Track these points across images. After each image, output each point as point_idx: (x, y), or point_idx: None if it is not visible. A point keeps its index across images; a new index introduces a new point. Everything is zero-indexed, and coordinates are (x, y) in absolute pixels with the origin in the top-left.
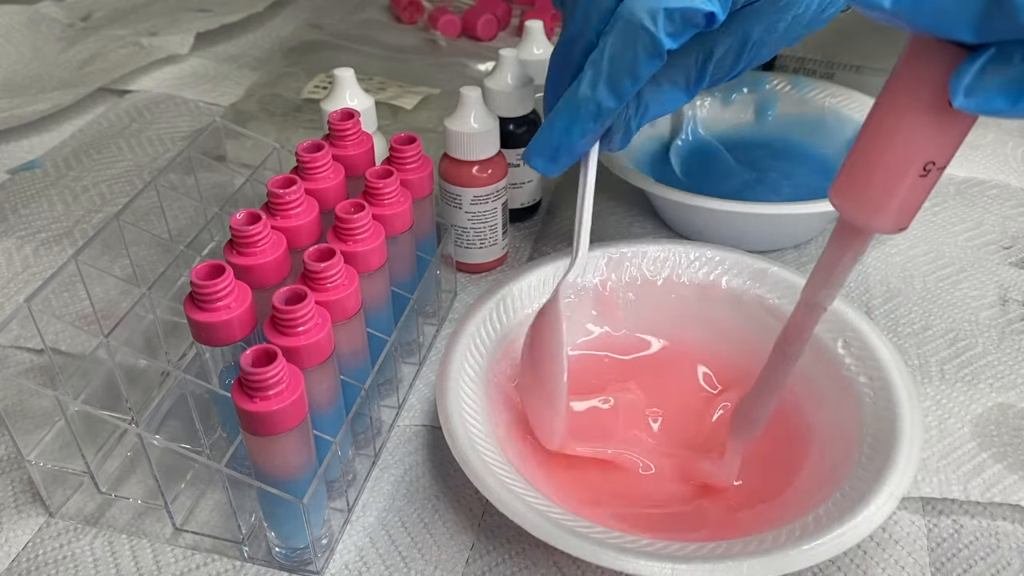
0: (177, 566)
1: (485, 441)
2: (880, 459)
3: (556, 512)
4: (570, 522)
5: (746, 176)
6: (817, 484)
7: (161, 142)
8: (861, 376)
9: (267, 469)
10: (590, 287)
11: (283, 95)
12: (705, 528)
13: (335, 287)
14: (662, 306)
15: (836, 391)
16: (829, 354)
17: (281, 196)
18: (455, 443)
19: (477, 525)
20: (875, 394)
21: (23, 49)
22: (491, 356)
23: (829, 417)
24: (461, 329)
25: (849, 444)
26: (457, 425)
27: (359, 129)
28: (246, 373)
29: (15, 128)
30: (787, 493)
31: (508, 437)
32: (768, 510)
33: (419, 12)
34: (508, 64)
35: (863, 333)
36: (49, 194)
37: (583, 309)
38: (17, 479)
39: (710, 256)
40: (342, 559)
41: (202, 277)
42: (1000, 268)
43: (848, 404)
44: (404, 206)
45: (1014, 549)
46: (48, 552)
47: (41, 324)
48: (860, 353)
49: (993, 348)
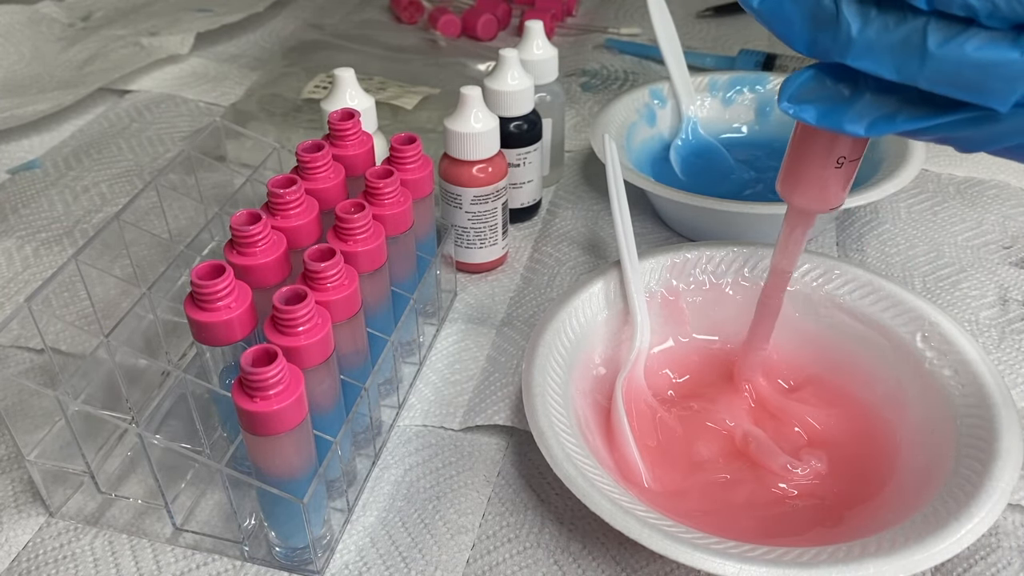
0: (177, 566)
1: (580, 452)
2: (983, 456)
3: (666, 523)
4: (694, 537)
5: (746, 176)
6: (915, 483)
7: (161, 142)
8: (945, 369)
9: (267, 469)
10: (656, 294)
11: (283, 95)
12: (809, 531)
13: (335, 287)
14: (730, 308)
15: (920, 387)
16: (909, 349)
17: (281, 196)
18: (553, 458)
19: (477, 525)
20: (963, 387)
21: (23, 49)
22: (570, 367)
23: (915, 413)
24: (538, 340)
25: (943, 440)
26: (552, 442)
27: (359, 129)
28: (246, 373)
29: (15, 128)
30: (884, 493)
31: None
32: (871, 510)
33: (419, 12)
34: (508, 64)
35: (941, 326)
36: (49, 194)
37: (652, 315)
38: (17, 479)
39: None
40: (342, 559)
41: (202, 277)
42: (1000, 268)
43: (935, 399)
44: (404, 206)
45: (1014, 549)
46: (48, 552)
47: (41, 324)
48: (941, 347)
49: (993, 348)
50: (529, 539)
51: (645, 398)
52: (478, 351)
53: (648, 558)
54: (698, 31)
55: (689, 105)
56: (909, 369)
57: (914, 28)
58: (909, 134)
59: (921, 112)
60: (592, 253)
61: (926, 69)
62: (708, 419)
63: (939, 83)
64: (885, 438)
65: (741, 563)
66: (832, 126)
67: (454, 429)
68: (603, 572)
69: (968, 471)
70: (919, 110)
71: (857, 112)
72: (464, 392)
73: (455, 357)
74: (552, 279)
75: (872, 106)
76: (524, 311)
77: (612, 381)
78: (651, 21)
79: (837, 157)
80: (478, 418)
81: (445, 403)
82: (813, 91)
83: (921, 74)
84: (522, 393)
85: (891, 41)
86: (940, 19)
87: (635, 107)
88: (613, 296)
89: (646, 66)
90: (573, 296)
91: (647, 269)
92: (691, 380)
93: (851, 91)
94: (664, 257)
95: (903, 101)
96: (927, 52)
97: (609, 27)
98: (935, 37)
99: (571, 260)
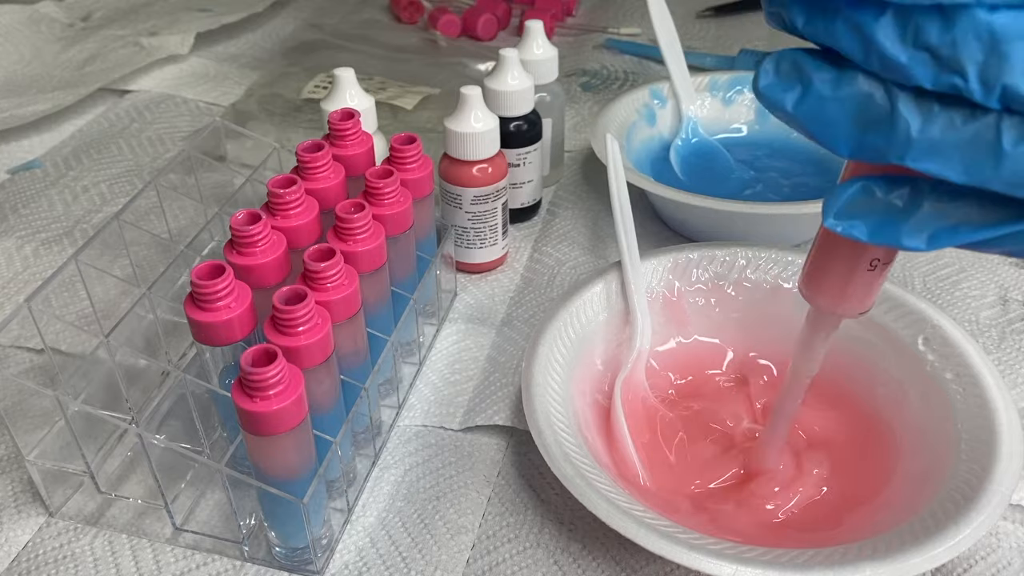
0: (177, 566)
1: (579, 452)
2: (983, 459)
3: (663, 523)
4: (686, 535)
5: (746, 176)
6: (915, 486)
7: (161, 142)
8: (947, 373)
9: (267, 469)
10: (658, 294)
11: (283, 95)
12: (808, 532)
13: (335, 287)
14: (732, 309)
15: (921, 390)
16: (910, 352)
17: (281, 196)
18: (551, 458)
19: (477, 525)
20: (964, 390)
21: (23, 49)
22: (570, 367)
23: (916, 416)
24: (538, 340)
25: (943, 443)
26: (550, 441)
27: (359, 129)
28: (246, 373)
29: (15, 128)
30: (884, 495)
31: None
32: (870, 512)
33: (419, 12)
34: (508, 64)
35: (944, 329)
36: (49, 194)
37: (653, 316)
38: (17, 479)
39: (776, 257)
40: (342, 559)
41: (202, 277)
42: (1000, 268)
43: (936, 402)
44: (404, 206)
45: (1014, 549)
46: (48, 552)
47: (41, 324)
48: (943, 349)
49: (993, 348)
50: (529, 539)
51: (645, 398)
52: (478, 351)
53: (648, 558)
54: (698, 31)
55: (689, 105)
56: (910, 372)
57: (985, 125)
58: (975, 246)
59: (991, 220)
60: (592, 253)
61: (1002, 169)
62: (709, 420)
63: (1018, 185)
64: (885, 440)
65: (738, 564)
66: (889, 242)
67: (454, 429)
68: (603, 572)
69: (968, 474)
70: (988, 218)
71: (915, 224)
72: (464, 392)
73: (455, 357)
74: (552, 279)
75: (932, 216)
76: (524, 311)
77: (612, 381)
78: (651, 21)
79: (871, 259)
80: (478, 418)
81: (445, 403)
82: (863, 205)
83: (996, 175)
84: (522, 393)
85: (958, 140)
86: (1013, 115)
87: (635, 107)
88: (614, 296)
89: (646, 66)
90: (574, 296)
91: (648, 269)
92: (692, 381)
93: (906, 202)
94: (666, 257)
95: (968, 209)
96: (1002, 151)
97: (609, 27)
98: (1010, 135)
99: (571, 260)
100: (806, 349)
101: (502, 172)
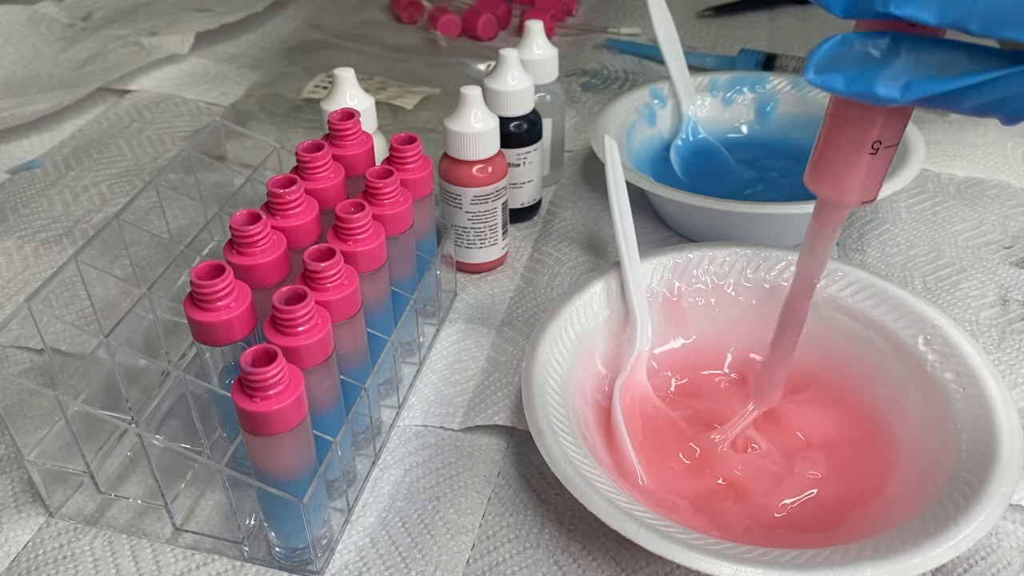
0: (177, 566)
1: (579, 452)
2: (984, 460)
3: (663, 523)
4: (683, 534)
5: (746, 176)
6: (915, 486)
7: (161, 142)
8: (947, 373)
9: (267, 469)
10: (658, 294)
11: (283, 95)
12: (808, 532)
13: (335, 287)
14: (732, 309)
15: (921, 390)
16: (910, 352)
17: (281, 196)
18: (551, 457)
19: (477, 525)
20: (964, 390)
21: (23, 49)
22: (570, 367)
23: (916, 416)
24: (538, 340)
25: (943, 443)
26: (551, 441)
27: (359, 129)
28: (246, 373)
29: (15, 128)
30: (884, 496)
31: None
32: (870, 512)
33: (419, 12)
34: (508, 64)
35: (944, 329)
36: (49, 194)
37: (653, 316)
38: (17, 479)
39: (776, 257)
40: (342, 559)
41: (202, 277)
42: (1000, 268)
43: (936, 402)
44: (404, 206)
45: (1014, 549)
46: (48, 552)
47: (41, 324)
48: (943, 350)
49: (993, 348)
50: (529, 539)
51: (646, 398)
52: (478, 351)
53: (648, 558)
54: (698, 31)
55: (689, 105)
56: (911, 372)
57: None
58: (950, 98)
59: (964, 70)
60: (592, 253)
61: (978, 5)
62: (709, 420)
63: (994, 23)
64: (885, 441)
65: (738, 564)
66: (863, 90)
67: (454, 429)
68: (603, 572)
69: (968, 474)
70: (961, 68)
71: (891, 73)
72: (464, 392)
73: (455, 357)
74: (552, 279)
75: (908, 66)
76: (524, 311)
77: (612, 382)
78: (651, 21)
79: (872, 141)
80: (478, 418)
81: (445, 403)
82: (840, 57)
83: (972, 11)
84: (522, 393)
85: None
86: None
87: (635, 107)
88: (614, 297)
89: (646, 66)
90: (574, 296)
91: (649, 269)
92: (692, 381)
93: (884, 52)
94: (666, 257)
95: (944, 58)
96: None
97: (609, 27)
98: None
99: (571, 260)
100: (812, 248)
101: (502, 172)
